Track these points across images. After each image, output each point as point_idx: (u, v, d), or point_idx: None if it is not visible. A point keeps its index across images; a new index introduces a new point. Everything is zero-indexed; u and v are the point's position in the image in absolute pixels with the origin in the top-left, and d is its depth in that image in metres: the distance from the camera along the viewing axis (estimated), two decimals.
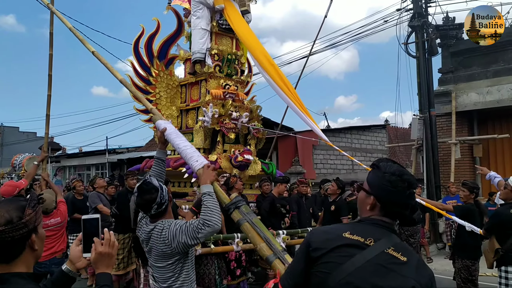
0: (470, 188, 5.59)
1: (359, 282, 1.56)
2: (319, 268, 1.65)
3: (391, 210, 1.76)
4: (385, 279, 1.57)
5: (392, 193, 1.73)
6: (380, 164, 1.84)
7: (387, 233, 1.73)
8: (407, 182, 1.75)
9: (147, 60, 8.71)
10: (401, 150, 21.19)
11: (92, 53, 4.39)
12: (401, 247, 1.69)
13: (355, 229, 1.72)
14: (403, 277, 1.57)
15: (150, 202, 2.77)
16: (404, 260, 1.62)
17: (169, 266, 2.75)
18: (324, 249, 1.67)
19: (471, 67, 12.62)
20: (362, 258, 1.61)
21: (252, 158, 7.92)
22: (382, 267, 1.59)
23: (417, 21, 11.57)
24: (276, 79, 7.14)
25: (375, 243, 1.66)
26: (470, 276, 5.46)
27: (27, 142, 34.69)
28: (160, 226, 2.79)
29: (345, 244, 1.66)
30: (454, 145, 11.82)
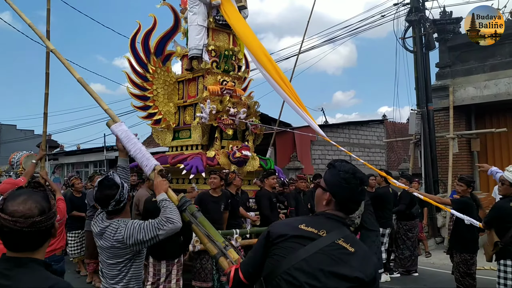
0: (467, 182, 5.60)
1: (309, 268, 1.73)
2: (275, 252, 1.83)
3: (345, 205, 1.93)
4: (333, 266, 1.72)
5: (346, 189, 1.91)
6: (336, 163, 2.01)
7: (340, 225, 1.90)
8: (359, 179, 1.93)
9: (144, 57, 8.67)
10: (399, 145, 21.22)
11: (51, 51, 4.34)
12: (351, 239, 1.85)
13: (310, 222, 1.90)
14: (349, 267, 1.72)
15: (109, 198, 2.77)
16: (352, 251, 1.78)
17: (119, 263, 2.74)
18: (282, 237, 1.85)
19: (469, 61, 12.62)
20: (315, 247, 1.77)
21: (250, 154, 7.91)
22: (331, 255, 1.75)
23: (414, 15, 11.55)
24: (274, 75, 7.13)
25: (327, 234, 1.82)
26: (468, 270, 5.48)
27: (24, 140, 34.60)
28: (115, 225, 2.77)
29: (300, 235, 1.83)
30: (452, 140, 11.83)
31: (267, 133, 10.94)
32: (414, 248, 8.07)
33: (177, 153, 8.46)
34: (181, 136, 8.82)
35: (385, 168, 18.12)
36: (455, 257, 5.67)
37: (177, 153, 8.48)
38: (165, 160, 8.16)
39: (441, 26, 12.27)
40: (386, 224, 7.43)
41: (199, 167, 7.37)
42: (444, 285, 6.96)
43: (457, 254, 5.61)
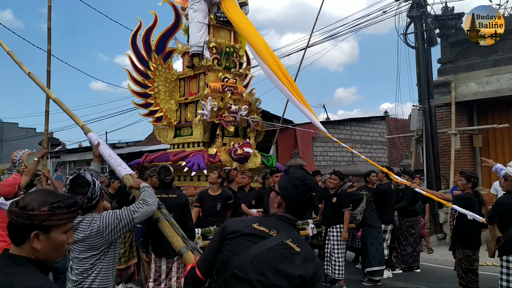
0: (468, 177, 5.56)
1: (258, 264, 1.88)
2: (228, 247, 1.97)
3: (294, 209, 2.08)
4: (280, 264, 1.88)
5: (295, 194, 2.06)
6: (290, 170, 2.21)
7: (289, 227, 2.04)
8: (308, 186, 2.08)
9: (145, 54, 8.67)
10: (401, 141, 21.17)
11: (27, 74, 4.53)
12: (298, 240, 1.99)
13: (263, 222, 2.05)
14: (294, 265, 1.88)
15: (81, 195, 2.76)
16: (298, 251, 1.92)
17: (93, 256, 2.74)
18: (235, 233, 1.99)
19: (471, 57, 12.57)
20: (264, 245, 1.92)
21: (251, 151, 7.91)
22: (279, 254, 1.90)
23: (416, 11, 11.50)
24: (276, 71, 7.11)
25: (277, 234, 1.97)
26: (470, 266, 5.46)
27: (26, 138, 34.67)
28: (88, 218, 2.77)
29: (252, 233, 1.97)
30: (453, 136, 11.80)
31: (268, 130, 10.93)
32: (416, 244, 8.06)
33: (179, 150, 8.47)
34: (182, 133, 8.83)
35: (387, 164, 18.11)
36: (457, 253, 5.65)
37: (178, 150, 8.49)
38: (166, 157, 8.16)
39: (442, 21, 12.22)
40: (388, 220, 7.42)
41: (201, 164, 7.37)
42: (446, 281, 6.96)
43: (459, 250, 5.59)
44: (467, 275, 5.45)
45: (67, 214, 1.64)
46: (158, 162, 8.13)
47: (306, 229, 6.75)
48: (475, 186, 5.62)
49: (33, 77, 4.39)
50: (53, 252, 1.64)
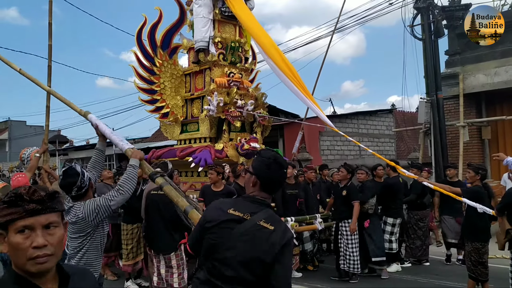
0: (475, 169, 5.51)
1: (239, 247, 2.12)
2: (210, 236, 2.22)
3: (268, 186, 2.30)
4: (255, 244, 2.11)
5: (267, 172, 2.28)
6: (261, 151, 2.43)
7: (262, 207, 2.25)
8: (279, 164, 2.29)
9: (150, 50, 8.67)
10: (409, 134, 21.05)
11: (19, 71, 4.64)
12: (271, 219, 2.20)
13: (238, 206, 2.27)
14: (267, 242, 2.11)
15: (71, 184, 3.19)
16: (272, 229, 2.14)
17: (81, 237, 3.16)
18: (214, 221, 2.22)
19: (478, 48, 12.41)
20: (241, 229, 2.15)
21: (258, 146, 7.90)
22: (254, 235, 2.13)
23: (423, 2, 11.38)
24: (281, 65, 7.07)
25: (251, 217, 2.19)
26: (480, 258, 5.42)
27: (34, 136, 34.88)
28: (78, 205, 3.19)
29: (229, 219, 2.20)
30: (462, 128, 11.71)
31: (275, 124, 10.91)
32: (425, 237, 8.01)
33: (186, 146, 8.47)
34: (189, 129, 8.83)
35: (395, 157, 18.02)
36: (466, 246, 5.61)
37: (185, 146, 8.49)
38: (173, 153, 8.17)
39: (450, 13, 12.08)
40: (396, 214, 7.38)
41: (208, 159, 7.37)
42: (455, 274, 6.92)
43: (468, 243, 5.55)
44: (477, 268, 5.41)
45: (7, 209, 1.39)
46: (165, 158, 8.14)
47: (314, 223, 6.72)
48: (483, 178, 5.57)
49: (24, 73, 4.51)
50: (15, 258, 1.40)
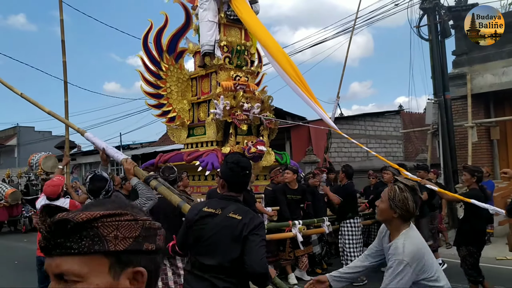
0: (471, 171, 5.39)
1: (215, 238, 2.52)
2: (191, 232, 2.64)
3: (234, 186, 2.67)
4: (227, 232, 2.50)
5: (232, 175, 2.64)
6: (227, 157, 2.78)
7: (231, 202, 2.62)
8: (241, 167, 2.63)
9: (156, 55, 8.69)
10: (417, 135, 20.91)
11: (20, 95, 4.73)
12: (240, 210, 2.56)
13: (211, 204, 2.69)
14: (236, 229, 2.49)
15: (100, 189, 3.53)
16: (240, 218, 2.51)
17: None
18: (193, 219, 2.64)
19: (486, 48, 12.30)
20: (214, 223, 2.55)
21: (265, 149, 7.88)
22: (225, 225, 2.52)
23: (429, 3, 11.33)
24: (287, 68, 7.07)
25: (222, 211, 2.57)
26: (476, 262, 5.33)
27: (43, 141, 35.12)
28: None
29: (204, 215, 2.61)
30: (470, 128, 11.61)
31: (281, 127, 10.88)
32: (435, 239, 7.95)
33: (192, 150, 8.48)
34: (195, 133, 8.84)
35: (403, 159, 17.92)
36: (461, 250, 5.44)
37: (192, 150, 8.50)
38: (180, 157, 8.18)
39: (456, 13, 12.00)
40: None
41: (215, 163, 7.36)
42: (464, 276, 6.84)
43: (463, 247, 5.40)
44: (473, 271, 5.30)
45: None
46: (172, 162, 8.15)
47: (322, 226, 6.70)
48: (479, 180, 5.43)
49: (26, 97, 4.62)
50: None
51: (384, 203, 2.50)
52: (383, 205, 2.51)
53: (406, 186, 2.46)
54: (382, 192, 2.61)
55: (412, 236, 2.46)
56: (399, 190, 2.45)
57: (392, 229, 2.52)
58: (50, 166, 14.03)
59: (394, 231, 2.49)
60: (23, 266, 8.53)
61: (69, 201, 5.10)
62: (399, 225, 2.47)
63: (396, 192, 2.44)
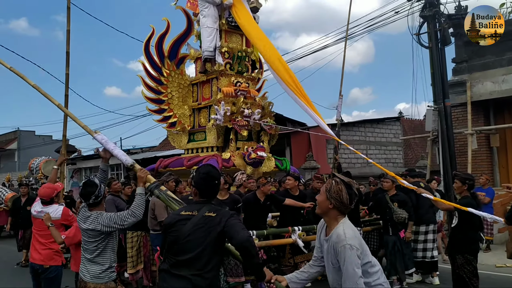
0: (462, 179, 5.33)
1: (192, 236, 2.74)
2: (170, 233, 2.84)
3: (204, 194, 2.95)
4: (204, 228, 2.75)
5: (203, 184, 2.95)
6: (199, 168, 3.10)
7: (205, 205, 2.89)
8: (212, 176, 2.96)
9: (158, 61, 8.74)
10: (416, 142, 20.95)
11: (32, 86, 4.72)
12: (213, 209, 2.84)
13: (188, 208, 2.95)
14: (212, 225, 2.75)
15: (90, 193, 3.75)
16: (214, 215, 2.79)
17: (96, 241, 3.72)
18: (171, 222, 2.87)
19: (486, 55, 12.38)
20: (191, 223, 2.79)
21: (265, 155, 7.90)
22: (203, 223, 2.77)
23: (429, 11, 11.38)
24: (284, 76, 7.10)
25: (198, 213, 2.83)
26: (475, 269, 5.31)
27: (43, 146, 35.14)
28: (95, 214, 3.73)
29: (182, 218, 2.85)
30: (470, 136, 11.63)
31: (282, 133, 10.90)
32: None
33: (193, 155, 8.50)
34: (196, 138, 8.86)
35: (403, 166, 17.93)
36: (458, 259, 5.37)
37: (192, 155, 8.52)
38: (180, 162, 8.20)
39: (456, 20, 12.05)
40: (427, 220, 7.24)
41: None
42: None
43: (459, 256, 5.36)
44: (472, 280, 5.27)
45: None
46: (173, 167, 8.18)
47: None
48: (471, 188, 5.38)
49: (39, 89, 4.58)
50: None
51: (321, 195, 2.71)
52: (320, 197, 2.71)
53: (342, 181, 2.66)
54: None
55: (349, 223, 2.65)
56: (335, 183, 2.65)
57: (329, 221, 2.70)
58: (50, 170, 14.05)
59: (331, 222, 2.68)
60: (22, 270, 8.53)
61: (63, 209, 5.04)
62: (336, 216, 2.66)
63: (332, 185, 2.65)
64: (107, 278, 3.80)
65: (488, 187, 9.71)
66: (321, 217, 2.79)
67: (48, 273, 4.75)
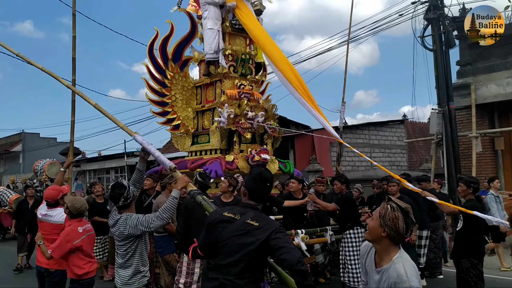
0: (467, 182, 5.31)
1: (230, 241, 2.73)
2: (211, 233, 2.85)
3: (254, 196, 2.92)
4: (244, 236, 2.70)
5: (254, 185, 2.91)
6: (252, 169, 3.13)
7: (250, 210, 2.85)
8: (263, 178, 2.91)
9: (162, 63, 8.76)
10: (420, 145, 20.89)
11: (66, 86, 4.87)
12: (258, 218, 2.78)
13: (231, 210, 2.91)
14: (253, 236, 2.69)
15: (119, 196, 3.70)
16: (257, 225, 2.72)
17: (126, 244, 3.70)
18: (213, 221, 2.87)
19: (490, 58, 12.35)
20: (232, 227, 2.77)
21: (269, 158, 7.89)
22: (242, 230, 2.73)
23: (433, 13, 11.36)
24: (290, 77, 7.10)
25: (240, 217, 2.80)
26: (480, 273, 5.27)
27: (48, 148, 35.26)
28: (124, 217, 3.70)
29: (223, 219, 2.84)
30: (474, 139, 11.59)
31: (285, 136, 10.89)
32: (438, 250, 7.90)
33: (196, 158, 8.50)
34: (200, 140, 8.87)
35: (407, 169, 17.87)
36: (463, 263, 5.34)
37: (196, 158, 8.52)
38: (184, 165, 8.20)
39: (460, 23, 12.00)
40: (421, 225, 7.19)
41: (218, 171, 7.38)
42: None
43: (465, 260, 5.32)
44: (478, 284, 5.24)
45: None
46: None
47: (325, 236, 6.67)
48: (476, 191, 5.37)
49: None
50: None
51: (374, 220, 2.41)
52: (372, 222, 2.42)
53: (398, 207, 2.37)
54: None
55: (406, 257, 2.38)
56: (390, 208, 2.36)
57: (380, 250, 2.41)
58: (54, 172, 14.02)
59: (383, 253, 2.40)
60: (26, 273, 8.56)
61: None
62: (389, 247, 2.38)
63: (387, 210, 2.36)
64: (137, 284, 3.74)
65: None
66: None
67: (53, 277, 4.77)
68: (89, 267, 4.52)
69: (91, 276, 4.52)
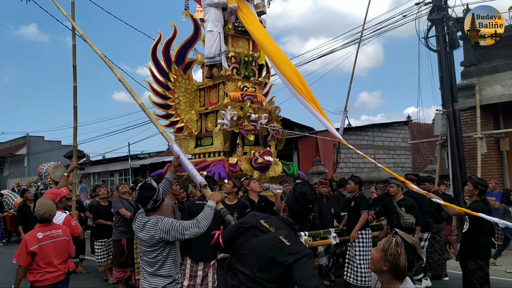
0: (475, 183, 5.27)
1: (257, 251, 2.64)
2: (241, 236, 2.77)
3: (293, 214, 2.79)
4: (271, 252, 2.59)
5: (295, 204, 2.76)
6: (297, 186, 2.94)
7: (286, 226, 2.74)
8: (305, 199, 2.74)
9: (165, 66, 8.77)
10: (425, 146, 20.81)
11: (119, 79, 4.84)
12: (290, 237, 2.65)
13: (268, 220, 2.79)
14: (281, 254, 2.57)
15: (148, 198, 3.45)
16: (288, 244, 2.60)
17: (155, 250, 3.43)
18: (247, 225, 2.79)
19: (495, 59, 12.29)
20: (263, 237, 2.67)
21: (272, 160, 7.88)
22: (272, 245, 2.61)
23: (437, 14, 11.32)
24: (293, 79, 7.09)
25: (275, 231, 2.69)
26: (486, 275, 5.24)
27: (52, 151, 35.37)
28: (154, 219, 3.45)
29: (258, 226, 2.74)
30: (479, 140, 11.53)
31: (289, 138, 10.87)
32: (443, 251, 7.86)
33: (200, 160, 8.50)
34: (203, 143, 8.87)
35: (411, 170, 17.80)
36: (469, 265, 5.31)
37: (199, 160, 8.52)
38: None
39: None
40: (424, 228, 7.14)
41: (222, 173, 7.37)
42: None
43: (471, 261, 5.28)
44: (483, 286, 5.20)
45: None
46: (180, 172, 8.16)
47: (328, 238, 6.65)
48: (482, 193, 5.32)
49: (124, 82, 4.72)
50: None
51: (377, 252, 2.35)
52: (376, 254, 2.36)
53: (403, 242, 2.28)
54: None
55: None
56: (394, 243, 2.28)
57: (384, 284, 2.36)
58: (59, 175, 14.12)
59: (385, 285, 2.34)
60: None
61: (65, 217, 5.02)
62: (391, 280, 2.31)
63: (391, 244, 2.28)
64: None
65: (498, 191, 9.61)
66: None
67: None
68: (40, 276, 4.24)
69: (42, 285, 4.25)
